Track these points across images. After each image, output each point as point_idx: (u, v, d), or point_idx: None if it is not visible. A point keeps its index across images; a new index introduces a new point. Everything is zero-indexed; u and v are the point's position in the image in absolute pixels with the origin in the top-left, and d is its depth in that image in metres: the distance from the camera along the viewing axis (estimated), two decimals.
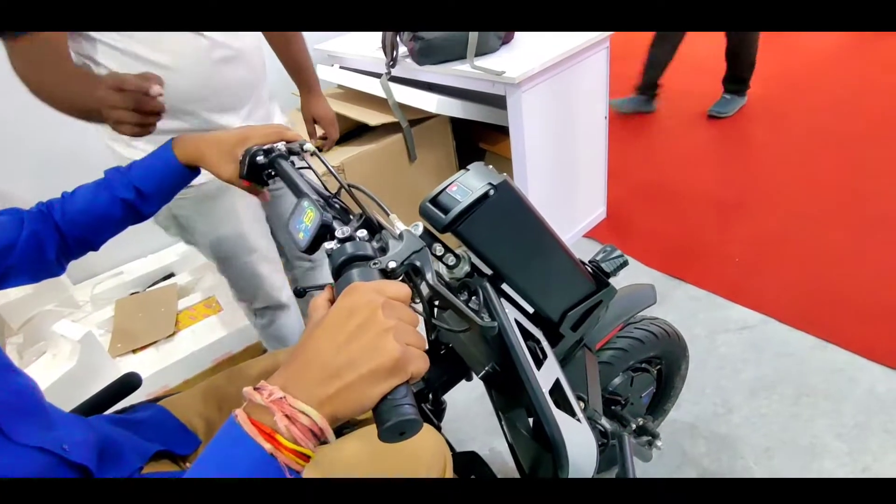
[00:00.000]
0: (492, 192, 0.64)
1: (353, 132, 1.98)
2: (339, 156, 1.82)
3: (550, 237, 0.74)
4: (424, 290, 0.58)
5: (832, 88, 2.95)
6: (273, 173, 0.81)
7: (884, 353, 1.51)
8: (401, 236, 0.59)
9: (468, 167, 0.69)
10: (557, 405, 0.71)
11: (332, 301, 0.51)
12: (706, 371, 1.58)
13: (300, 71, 1.35)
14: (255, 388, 0.41)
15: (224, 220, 1.20)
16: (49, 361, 1.60)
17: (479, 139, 2.30)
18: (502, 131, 1.91)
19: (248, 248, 1.26)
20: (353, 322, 0.42)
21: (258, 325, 1.44)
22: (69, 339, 1.57)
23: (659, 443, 1.06)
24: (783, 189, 2.24)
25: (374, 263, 0.54)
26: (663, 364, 1.22)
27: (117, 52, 0.95)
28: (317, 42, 2.29)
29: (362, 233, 0.59)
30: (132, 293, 1.99)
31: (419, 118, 1.93)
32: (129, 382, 0.92)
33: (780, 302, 1.73)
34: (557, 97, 1.78)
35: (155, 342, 1.75)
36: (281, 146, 0.81)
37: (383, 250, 0.58)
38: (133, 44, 0.94)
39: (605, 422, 0.85)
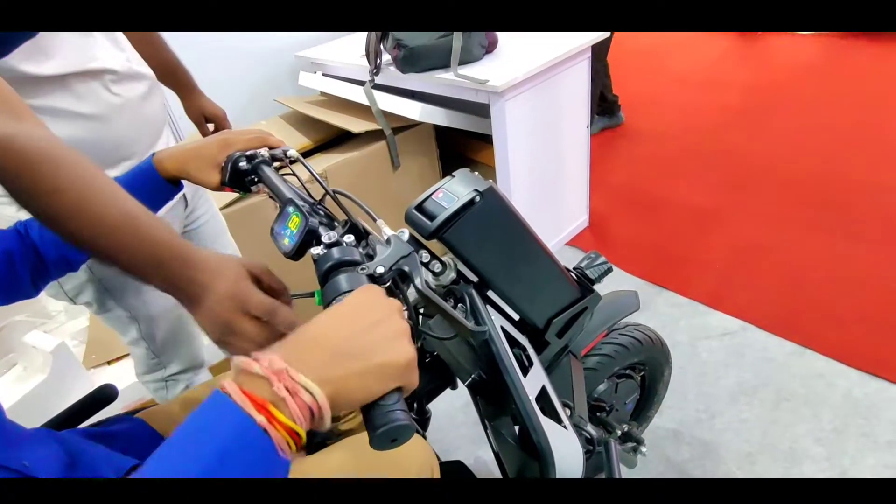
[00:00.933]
0: (478, 198, 0.64)
1: (336, 139, 1.98)
2: (323, 163, 1.81)
3: (536, 244, 0.74)
4: (411, 296, 0.58)
5: (810, 97, 3.03)
6: (256, 179, 0.79)
7: (860, 358, 1.54)
8: (388, 241, 0.59)
9: (454, 173, 0.69)
10: (543, 412, 0.71)
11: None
12: (688, 377, 1.59)
13: (175, 70, 1.23)
14: (252, 358, 0.38)
15: None
16: (20, 374, 1.55)
17: (463, 148, 2.30)
18: (485, 140, 1.91)
19: None
20: (372, 315, 0.43)
21: (164, 399, 1.22)
22: (41, 350, 1.52)
23: (644, 449, 1.06)
24: (762, 197, 2.29)
25: (362, 269, 0.53)
26: (647, 370, 1.23)
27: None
28: (300, 49, 2.27)
29: (349, 238, 0.58)
30: None
31: (403, 126, 1.93)
32: (105, 395, 0.89)
33: (759, 309, 1.76)
34: (540, 106, 1.79)
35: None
36: (264, 152, 0.80)
37: (370, 256, 0.57)
38: (49, 99, 0.83)
39: (590, 428, 0.85)
